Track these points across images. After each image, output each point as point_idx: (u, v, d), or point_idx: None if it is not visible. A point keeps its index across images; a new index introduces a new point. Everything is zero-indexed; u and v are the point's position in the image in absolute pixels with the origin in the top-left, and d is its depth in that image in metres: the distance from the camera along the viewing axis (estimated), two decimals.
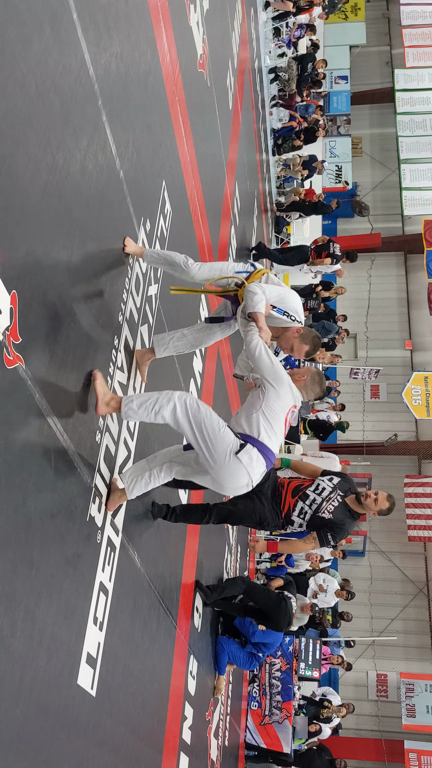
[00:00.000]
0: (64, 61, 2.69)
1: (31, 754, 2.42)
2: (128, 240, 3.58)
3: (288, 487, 4.51)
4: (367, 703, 14.69)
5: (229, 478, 3.35)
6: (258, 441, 3.35)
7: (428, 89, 19.70)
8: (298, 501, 4.43)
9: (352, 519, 4.45)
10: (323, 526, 4.34)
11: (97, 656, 3.11)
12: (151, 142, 4.09)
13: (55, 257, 2.59)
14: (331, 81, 20.46)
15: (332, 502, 4.40)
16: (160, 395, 3.22)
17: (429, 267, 17.31)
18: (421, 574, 16.11)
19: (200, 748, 5.79)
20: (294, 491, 4.48)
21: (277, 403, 3.44)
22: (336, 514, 4.36)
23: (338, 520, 4.35)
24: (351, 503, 4.45)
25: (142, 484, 3.53)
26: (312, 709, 10.89)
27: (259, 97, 12.19)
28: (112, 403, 3.15)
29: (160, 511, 4.38)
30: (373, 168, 21.04)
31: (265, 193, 13.03)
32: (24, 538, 2.38)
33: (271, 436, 3.41)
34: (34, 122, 2.41)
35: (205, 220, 6.09)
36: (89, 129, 2.99)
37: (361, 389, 17.82)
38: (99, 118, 3.12)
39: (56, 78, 2.61)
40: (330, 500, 4.41)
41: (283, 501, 4.45)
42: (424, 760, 12.86)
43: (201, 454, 3.31)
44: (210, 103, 6.51)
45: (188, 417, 3.24)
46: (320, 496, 4.43)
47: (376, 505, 4.42)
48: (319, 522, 4.35)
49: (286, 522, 4.46)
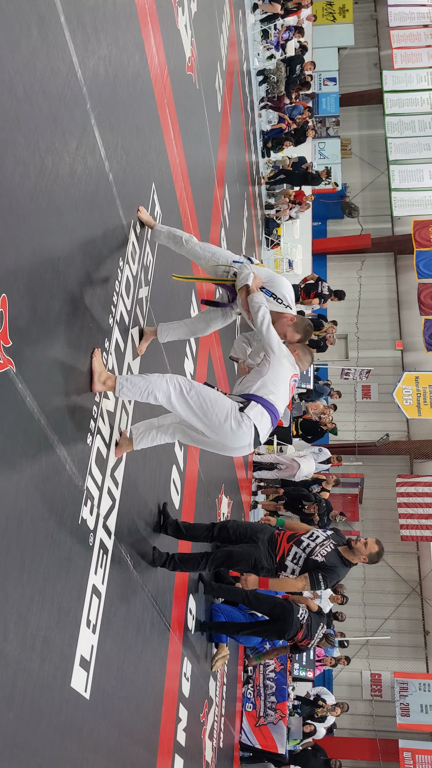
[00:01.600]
0: (52, 64, 2.70)
1: (25, 758, 2.41)
2: (142, 209, 3.94)
3: (284, 535, 4.81)
4: (362, 702, 14.71)
5: (233, 439, 3.51)
6: (262, 398, 3.59)
7: (416, 90, 19.79)
8: (293, 546, 4.69)
9: (344, 566, 4.65)
10: (315, 568, 4.54)
11: (90, 659, 3.10)
12: (140, 145, 4.09)
13: (44, 260, 2.59)
14: (319, 83, 20.51)
15: (325, 547, 4.63)
16: (153, 378, 3.36)
17: (419, 267, 17.39)
18: (413, 573, 16.15)
19: (195, 749, 5.79)
20: (289, 538, 4.77)
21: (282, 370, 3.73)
22: (329, 558, 4.56)
23: (330, 563, 4.55)
24: (343, 552, 4.67)
25: (149, 440, 3.74)
26: (306, 709, 10.90)
27: (248, 99, 12.21)
28: (108, 382, 3.27)
29: (160, 557, 4.55)
30: (363, 169, 21.11)
31: (254, 194, 13.06)
32: (15, 542, 2.38)
33: (277, 395, 3.66)
34: (23, 125, 2.41)
35: (195, 222, 6.10)
36: (78, 132, 2.99)
37: (353, 390, 17.86)
38: (88, 121, 3.12)
39: (44, 81, 2.62)
40: (323, 546, 4.64)
41: (279, 546, 4.73)
42: (419, 759, 12.89)
43: (202, 427, 3.48)
44: (199, 105, 6.52)
45: (183, 396, 3.39)
46: (314, 542, 4.68)
47: (366, 548, 4.64)
48: (312, 564, 4.56)
49: (280, 568, 4.70)
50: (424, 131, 19.27)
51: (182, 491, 5.44)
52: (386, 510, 16.17)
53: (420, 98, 19.67)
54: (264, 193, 14.88)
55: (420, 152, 19.03)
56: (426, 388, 15.92)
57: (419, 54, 19.94)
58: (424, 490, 15.32)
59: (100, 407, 3.29)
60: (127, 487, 3.79)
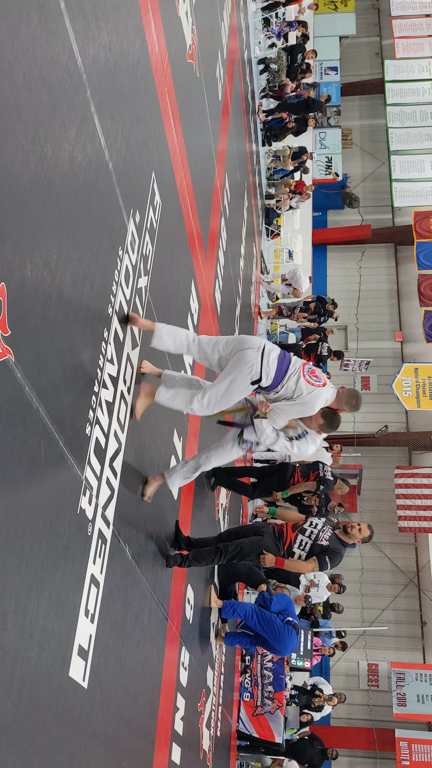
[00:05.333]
0: (52, 51, 2.67)
1: (23, 746, 2.42)
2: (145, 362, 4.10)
3: (288, 525, 5.54)
4: (359, 692, 14.79)
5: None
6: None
7: (418, 80, 19.70)
8: (298, 534, 5.42)
9: (343, 547, 5.41)
10: (322, 551, 5.29)
11: (88, 648, 3.11)
12: (140, 133, 4.07)
13: (43, 249, 2.58)
14: (321, 72, 20.42)
15: (326, 532, 5.40)
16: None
17: (419, 258, 17.35)
18: (411, 564, 16.20)
19: (192, 738, 5.81)
20: (293, 527, 5.49)
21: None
22: (332, 542, 5.34)
23: (334, 546, 5.32)
24: (340, 535, 5.43)
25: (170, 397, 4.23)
26: (303, 698, 10.96)
27: (248, 88, 12.15)
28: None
29: (175, 560, 4.99)
30: (364, 159, 21.03)
31: (255, 184, 13.01)
32: (14, 531, 2.38)
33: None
34: (22, 113, 2.39)
35: (195, 211, 6.07)
36: (78, 119, 2.97)
37: (352, 381, 17.86)
38: (87, 109, 3.10)
39: (44, 68, 2.59)
40: (324, 531, 5.41)
41: (285, 536, 5.44)
42: (415, 748, 12.96)
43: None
44: (199, 94, 6.48)
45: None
46: (315, 529, 5.43)
47: (360, 534, 5.36)
48: (318, 549, 5.31)
49: (288, 554, 5.43)
50: (426, 121, 19.19)
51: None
52: (384, 501, 16.21)
53: (421, 88, 19.58)
54: (264, 183, 14.83)
55: (421, 142, 18.96)
56: (425, 379, 15.91)
57: (421, 44, 19.84)
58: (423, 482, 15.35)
59: (99, 397, 3.28)
60: (125, 477, 3.79)
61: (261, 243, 14.66)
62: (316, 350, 13.07)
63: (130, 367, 3.89)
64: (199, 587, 6.30)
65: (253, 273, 12.72)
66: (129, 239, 3.79)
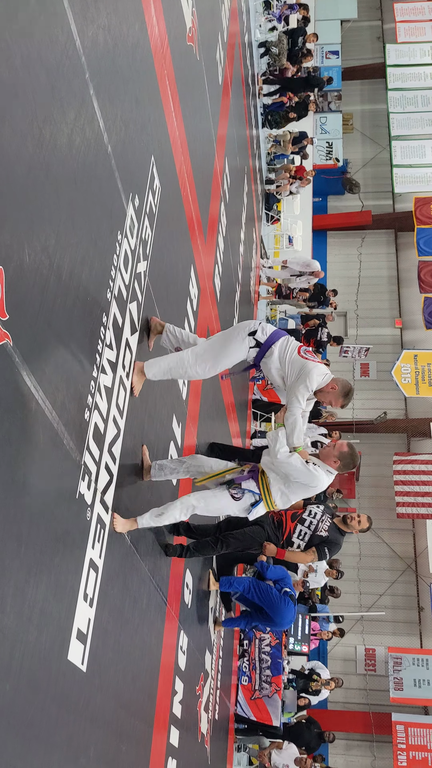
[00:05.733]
0: (50, 33, 2.65)
1: (22, 729, 2.44)
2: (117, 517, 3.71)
3: (287, 515, 5.50)
4: (356, 677, 14.88)
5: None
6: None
7: (420, 65, 19.54)
8: (297, 524, 5.45)
9: (341, 536, 5.46)
10: (321, 542, 5.34)
11: (87, 632, 3.13)
12: (139, 117, 4.04)
13: (41, 233, 2.56)
14: (321, 56, 20.25)
15: (325, 522, 5.42)
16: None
17: (419, 245, 17.28)
18: (409, 550, 16.27)
19: (190, 721, 5.86)
20: (293, 517, 5.50)
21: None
22: (330, 532, 5.38)
23: (333, 537, 5.37)
24: (338, 523, 5.46)
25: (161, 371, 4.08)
26: (301, 682, 11.03)
27: (249, 71, 12.05)
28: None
29: (175, 551, 5.00)
30: (364, 145, 20.91)
31: (255, 169, 12.94)
32: (12, 515, 2.38)
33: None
34: (20, 95, 2.37)
35: (195, 196, 6.04)
36: (76, 102, 2.94)
37: (351, 367, 17.84)
38: (86, 92, 3.07)
39: (42, 50, 2.57)
40: (323, 521, 5.43)
41: (284, 525, 5.47)
42: (411, 732, 13.07)
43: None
44: (199, 77, 6.43)
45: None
46: (315, 519, 5.45)
47: (359, 525, 5.39)
48: (317, 539, 5.37)
49: (287, 544, 5.47)
50: (427, 106, 19.05)
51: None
52: (383, 487, 16.24)
53: (423, 73, 19.42)
54: (264, 168, 14.75)
55: (422, 128, 18.84)
56: (425, 366, 15.90)
57: (423, 28, 19.67)
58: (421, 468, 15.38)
59: (97, 382, 3.28)
60: (125, 462, 3.79)
61: (261, 228, 14.60)
62: (316, 336, 13.09)
63: (129, 352, 3.88)
64: (198, 571, 6.33)
65: (253, 259, 12.68)
66: (128, 223, 3.77)
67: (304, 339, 13.07)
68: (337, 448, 4.18)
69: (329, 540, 5.33)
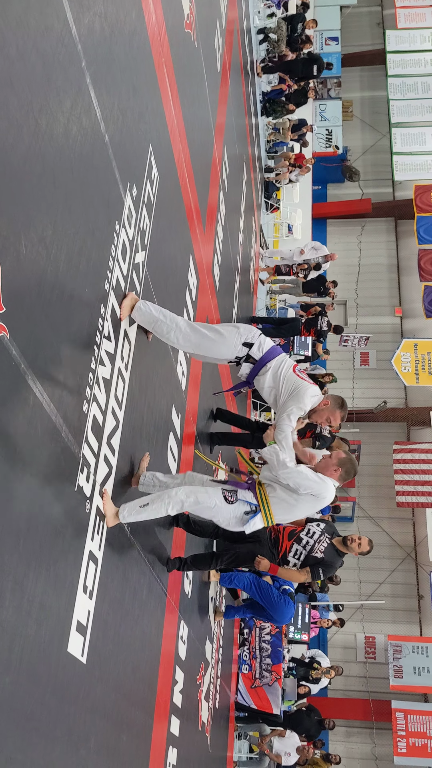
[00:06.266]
0: (46, 21, 2.61)
1: (22, 722, 2.44)
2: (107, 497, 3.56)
3: (284, 532, 5.34)
4: (356, 664, 14.96)
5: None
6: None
7: (420, 51, 19.41)
8: (294, 543, 5.30)
9: (339, 557, 5.27)
10: (316, 563, 5.20)
11: (87, 624, 3.12)
12: (137, 105, 4.00)
13: (38, 224, 2.54)
14: (321, 42, 20.10)
15: (322, 543, 5.25)
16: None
17: (419, 233, 17.23)
18: (408, 538, 16.30)
19: (191, 710, 5.88)
20: (290, 535, 5.33)
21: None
22: (326, 554, 5.21)
23: (328, 559, 5.20)
24: (337, 544, 5.28)
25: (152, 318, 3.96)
26: (301, 670, 11.08)
27: (248, 58, 11.96)
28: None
29: (174, 564, 4.99)
30: (364, 132, 20.79)
31: (254, 157, 12.87)
32: (10, 509, 2.37)
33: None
34: (15, 84, 2.34)
35: (193, 185, 6.00)
36: (72, 91, 2.91)
37: (351, 356, 17.83)
38: (83, 80, 3.04)
39: (37, 38, 2.54)
40: (320, 542, 5.26)
41: (281, 544, 5.31)
42: (411, 719, 13.14)
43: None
44: (197, 64, 6.37)
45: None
46: (312, 539, 5.28)
47: (359, 548, 5.22)
48: (312, 561, 5.21)
49: (282, 562, 5.31)
50: (427, 93, 18.94)
51: (179, 458, 5.45)
52: (383, 476, 16.26)
53: (423, 59, 19.30)
54: (264, 156, 14.67)
55: (423, 115, 18.73)
56: (425, 355, 15.89)
57: (423, 13, 19.52)
58: (421, 457, 15.39)
59: (96, 374, 3.26)
60: (123, 454, 3.78)
61: (260, 217, 14.53)
62: (316, 325, 13.04)
63: (128, 343, 3.86)
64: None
65: (252, 248, 12.63)
66: (126, 213, 3.74)
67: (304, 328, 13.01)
68: (335, 457, 3.99)
69: (324, 562, 5.20)
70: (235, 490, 3.97)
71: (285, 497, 3.95)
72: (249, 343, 4.11)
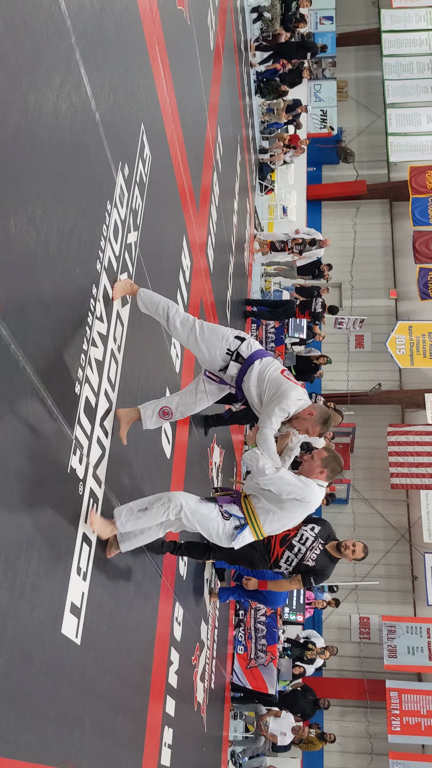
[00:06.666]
0: None
1: (16, 703, 2.44)
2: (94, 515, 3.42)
3: (276, 537, 5.02)
4: (350, 644, 15.06)
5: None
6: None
7: (415, 30, 19.20)
8: (285, 551, 5.06)
9: (332, 563, 5.11)
10: (307, 571, 5.05)
11: (81, 606, 3.12)
12: (128, 84, 3.94)
13: (28, 203, 2.50)
14: (315, 21, 19.88)
15: (314, 550, 5.06)
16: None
17: (414, 215, 17.14)
18: (403, 520, 16.37)
19: (186, 691, 5.92)
20: (282, 541, 5.07)
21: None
22: (318, 561, 5.04)
23: (320, 567, 5.05)
24: (331, 550, 5.10)
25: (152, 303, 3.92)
26: (296, 651, 11.16)
27: (241, 37, 11.82)
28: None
29: (168, 546, 4.94)
30: (359, 113, 20.62)
31: (248, 138, 12.76)
32: (2, 491, 2.36)
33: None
34: (3, 60, 2.30)
35: (186, 165, 5.94)
36: (62, 68, 2.86)
37: (346, 339, 17.80)
38: (72, 57, 2.99)
39: (26, 14, 2.49)
40: (312, 549, 5.06)
41: (272, 550, 5.08)
42: (405, 698, 13.26)
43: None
44: (190, 42, 6.29)
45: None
46: (304, 546, 5.07)
47: (353, 554, 5.02)
48: (303, 568, 5.05)
49: (274, 566, 5.14)
50: (423, 73, 18.76)
51: (173, 440, 5.44)
52: (377, 459, 16.29)
53: (419, 38, 19.10)
54: (258, 137, 14.55)
55: (418, 95, 18.56)
56: (419, 337, 15.87)
57: None
58: (415, 439, 15.41)
59: (88, 355, 3.24)
60: (117, 436, 3.76)
61: (255, 199, 14.44)
62: (311, 307, 12.97)
63: (120, 325, 3.84)
64: None
65: (247, 230, 12.56)
66: (118, 193, 3.70)
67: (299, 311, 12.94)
68: (317, 458, 3.85)
69: (315, 570, 5.03)
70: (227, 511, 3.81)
71: (270, 507, 3.80)
72: (241, 337, 3.99)
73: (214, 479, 7.99)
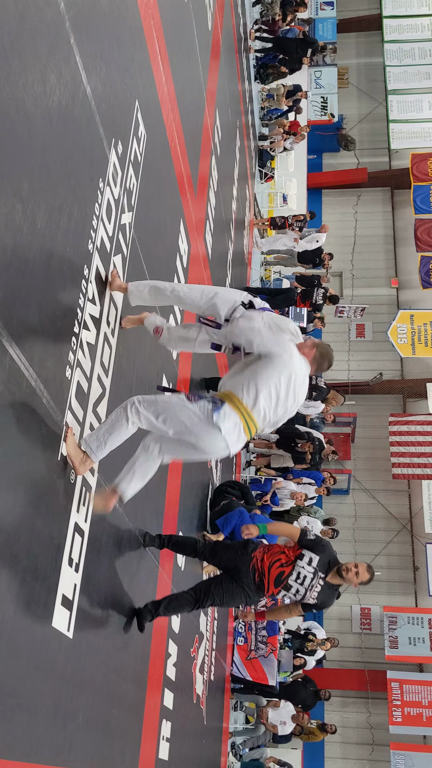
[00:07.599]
0: None
1: (3, 697, 2.33)
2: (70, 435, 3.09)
3: (270, 575, 4.48)
4: (351, 635, 15.01)
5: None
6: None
7: (417, 16, 19.00)
8: (281, 590, 4.48)
9: (335, 592, 4.61)
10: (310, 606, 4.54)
11: (72, 598, 3.01)
12: (121, 58, 3.80)
13: (12, 176, 2.37)
14: (316, 7, 19.66)
15: (315, 589, 4.44)
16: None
17: (416, 202, 16.98)
18: (404, 510, 16.30)
19: (185, 683, 5.83)
20: (276, 581, 4.47)
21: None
22: (321, 597, 4.46)
23: (323, 601, 4.49)
24: (332, 579, 4.50)
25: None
26: (297, 642, 11.08)
27: (240, 20, 11.64)
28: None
29: (152, 541, 4.53)
30: (360, 100, 20.41)
31: (248, 124, 12.59)
32: None
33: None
34: None
35: (184, 147, 5.80)
36: (50, 36, 2.72)
37: (347, 328, 17.66)
38: (62, 25, 2.85)
39: None
40: (312, 588, 4.43)
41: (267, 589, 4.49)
42: (406, 689, 13.23)
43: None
44: (187, 21, 6.13)
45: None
46: (302, 586, 4.43)
47: (357, 578, 4.49)
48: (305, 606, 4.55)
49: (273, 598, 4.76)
50: (425, 59, 18.57)
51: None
52: (378, 449, 16.20)
53: (420, 24, 18.91)
54: (258, 123, 14.37)
55: (419, 81, 18.37)
56: (421, 326, 15.75)
57: None
58: (417, 429, 15.31)
59: (79, 338, 3.11)
60: None
61: (254, 186, 14.28)
62: (311, 297, 12.87)
63: (114, 308, 3.71)
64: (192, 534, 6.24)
65: (246, 217, 12.41)
66: (110, 171, 3.56)
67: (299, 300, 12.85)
68: (311, 341, 3.67)
69: (318, 606, 4.54)
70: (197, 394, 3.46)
71: (240, 369, 3.56)
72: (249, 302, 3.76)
73: (213, 469, 7.88)
